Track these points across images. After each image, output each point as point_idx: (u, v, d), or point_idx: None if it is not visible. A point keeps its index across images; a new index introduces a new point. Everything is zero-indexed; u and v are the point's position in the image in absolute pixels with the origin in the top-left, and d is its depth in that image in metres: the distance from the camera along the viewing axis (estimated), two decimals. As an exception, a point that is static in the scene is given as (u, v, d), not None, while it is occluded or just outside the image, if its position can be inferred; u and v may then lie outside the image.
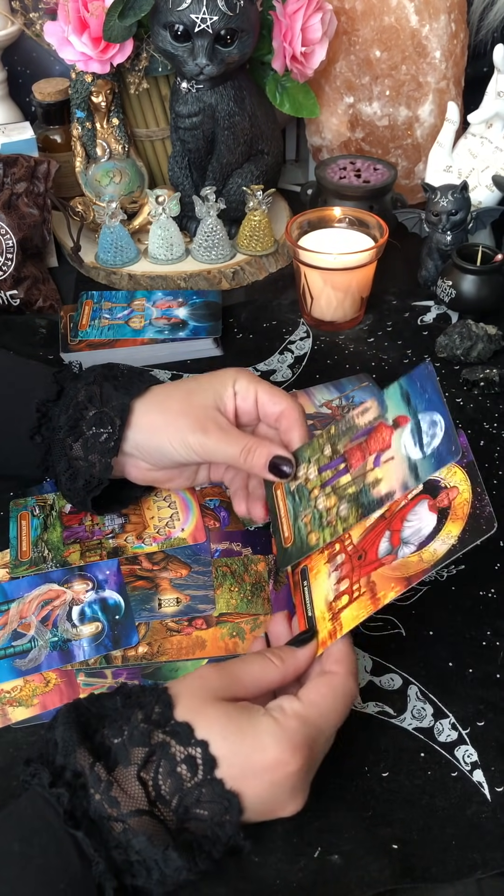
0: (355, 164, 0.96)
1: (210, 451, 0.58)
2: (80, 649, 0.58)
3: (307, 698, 0.47)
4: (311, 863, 0.48)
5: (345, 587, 0.52)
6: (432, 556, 0.50)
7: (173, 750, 0.43)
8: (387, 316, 0.88)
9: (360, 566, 0.52)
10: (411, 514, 0.52)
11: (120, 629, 0.59)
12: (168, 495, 0.68)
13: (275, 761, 0.44)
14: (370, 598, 0.50)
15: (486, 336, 0.80)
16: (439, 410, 0.52)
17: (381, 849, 0.48)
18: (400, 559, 0.51)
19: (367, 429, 0.56)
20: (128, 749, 0.43)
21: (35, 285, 0.89)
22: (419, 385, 0.55)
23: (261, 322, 0.88)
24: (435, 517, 0.51)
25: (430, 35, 0.95)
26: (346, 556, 0.53)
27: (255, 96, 0.91)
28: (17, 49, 1.07)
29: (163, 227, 0.91)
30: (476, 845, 0.48)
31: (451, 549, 0.50)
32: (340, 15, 0.94)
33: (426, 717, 0.54)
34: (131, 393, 0.61)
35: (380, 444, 0.55)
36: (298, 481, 0.58)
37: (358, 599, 0.51)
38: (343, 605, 0.51)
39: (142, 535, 0.65)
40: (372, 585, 0.51)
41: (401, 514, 0.53)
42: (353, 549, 0.53)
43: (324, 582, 0.53)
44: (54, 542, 0.65)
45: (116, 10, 0.84)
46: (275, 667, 0.49)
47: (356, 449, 0.56)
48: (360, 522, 0.53)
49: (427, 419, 0.53)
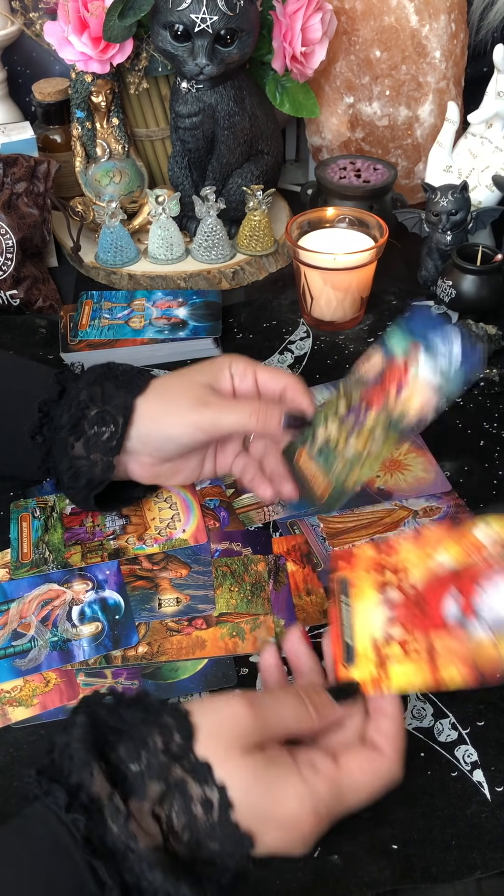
0: (355, 164, 0.96)
1: (216, 423, 0.57)
2: (80, 649, 0.58)
3: (346, 766, 0.44)
4: (310, 863, 0.48)
5: (398, 634, 0.45)
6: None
7: (191, 790, 0.41)
8: (387, 316, 0.88)
9: (420, 618, 0.45)
10: (490, 584, 0.45)
11: (120, 629, 0.59)
12: (169, 496, 0.68)
13: (294, 819, 0.42)
14: (429, 667, 0.44)
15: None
16: (447, 329, 0.50)
17: (381, 849, 0.48)
18: (472, 636, 0.44)
19: (380, 371, 0.54)
20: (145, 781, 0.41)
21: (35, 285, 0.89)
22: (420, 317, 0.53)
23: (261, 322, 0.88)
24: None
25: (430, 35, 0.95)
26: (402, 597, 0.46)
27: (255, 96, 0.91)
28: (17, 49, 1.07)
29: (163, 227, 0.91)
30: (476, 845, 0.48)
31: None
32: (340, 15, 0.94)
33: (426, 716, 0.54)
34: (133, 391, 0.61)
35: (397, 377, 0.52)
36: (320, 442, 0.56)
37: (414, 659, 0.44)
38: (394, 655, 0.45)
39: (143, 537, 0.65)
40: (433, 652, 0.44)
41: (475, 573, 0.45)
42: (412, 591, 0.46)
43: (370, 611, 0.47)
44: (55, 544, 0.65)
45: (116, 10, 0.84)
46: (310, 718, 0.45)
47: (374, 391, 0.54)
48: (422, 560, 0.47)
49: (439, 336, 0.50)
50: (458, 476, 0.69)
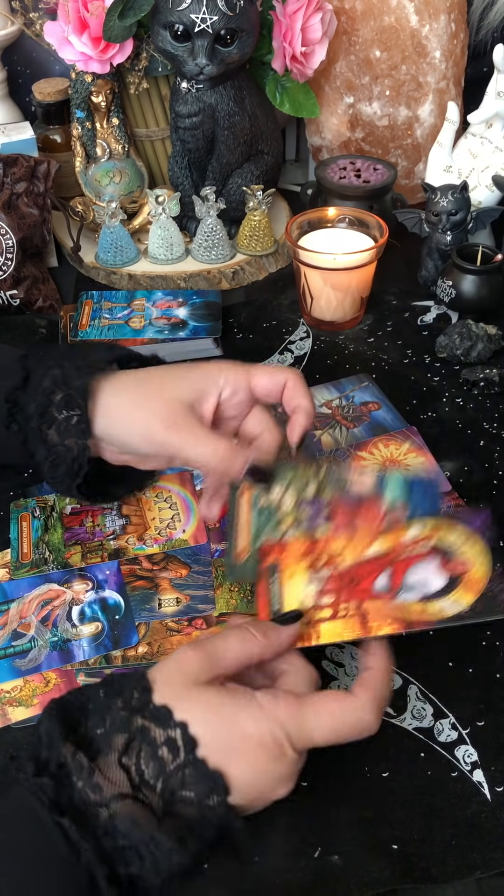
0: (355, 164, 0.96)
1: (178, 451, 0.55)
2: (80, 649, 0.58)
3: (310, 700, 0.45)
4: (310, 863, 0.48)
5: (329, 601, 0.51)
6: (438, 612, 0.49)
7: (153, 734, 0.42)
8: (387, 316, 0.88)
9: (350, 589, 0.51)
10: (419, 565, 0.52)
11: (120, 629, 0.59)
12: (169, 496, 0.68)
13: (254, 743, 0.43)
14: (360, 624, 0.50)
15: (486, 336, 0.80)
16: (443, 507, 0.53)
17: (381, 849, 0.48)
18: (399, 601, 0.50)
19: (359, 496, 0.55)
20: (109, 737, 0.42)
21: (35, 285, 0.89)
22: (424, 489, 0.56)
23: (261, 322, 0.88)
24: (445, 579, 0.51)
25: (430, 35, 0.95)
26: (332, 574, 0.52)
27: (255, 96, 0.91)
28: (17, 49, 1.07)
29: (163, 227, 0.91)
30: (476, 845, 0.48)
31: (458, 614, 0.49)
32: (340, 15, 0.94)
33: (426, 716, 0.54)
34: (94, 373, 0.58)
35: (372, 520, 0.54)
36: (271, 498, 0.56)
37: (344, 619, 0.50)
38: (324, 617, 0.50)
39: (143, 537, 0.65)
40: (364, 613, 0.50)
41: (406, 560, 0.52)
42: (345, 570, 0.52)
43: (300, 586, 0.52)
44: (55, 544, 0.65)
45: (116, 10, 0.84)
46: (256, 641, 0.47)
47: (343, 509, 0.54)
48: (357, 551, 0.53)
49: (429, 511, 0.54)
50: (458, 476, 0.69)
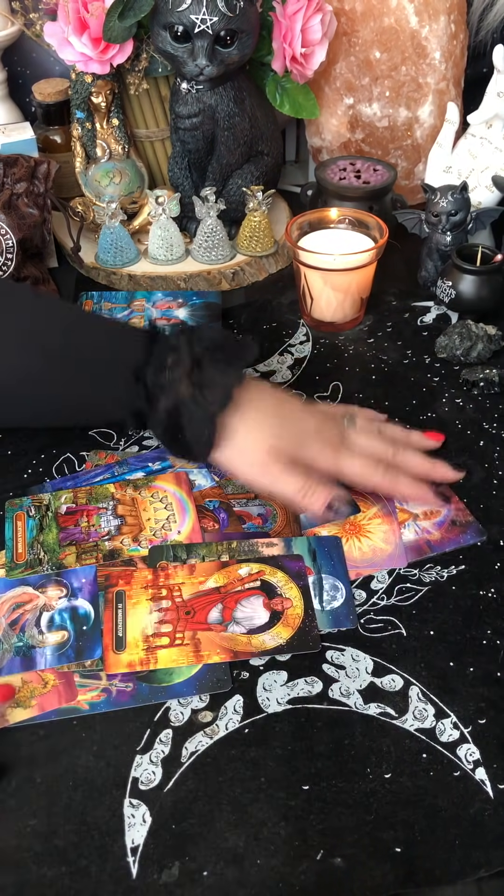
0: (355, 165, 0.96)
1: (266, 488, 0.64)
2: (43, 657, 0.57)
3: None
4: (313, 866, 0.47)
5: (167, 630, 0.57)
6: (260, 644, 0.57)
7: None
8: (387, 316, 0.88)
9: (187, 620, 0.58)
10: (246, 602, 0.59)
11: (85, 640, 0.58)
12: (165, 496, 0.68)
13: None
14: (193, 652, 0.56)
15: (486, 336, 0.80)
16: (342, 580, 0.60)
17: (383, 852, 0.48)
18: (229, 633, 0.57)
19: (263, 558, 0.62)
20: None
21: (35, 285, 0.89)
22: (327, 550, 0.62)
23: (261, 323, 0.88)
24: (268, 615, 0.58)
25: (430, 36, 0.95)
26: (172, 605, 0.59)
27: (255, 97, 0.91)
28: (17, 49, 1.07)
29: (163, 228, 0.91)
30: (479, 844, 0.48)
31: (277, 647, 0.57)
32: (340, 16, 0.94)
33: (428, 717, 0.54)
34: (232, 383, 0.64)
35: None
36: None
37: (180, 647, 0.56)
38: (162, 644, 0.56)
39: (138, 538, 0.65)
40: (197, 642, 0.57)
41: (236, 596, 0.59)
42: (181, 602, 0.59)
43: (143, 614, 0.58)
44: (50, 544, 0.64)
45: (116, 10, 0.84)
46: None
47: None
48: (194, 584, 0.60)
49: (330, 582, 0.60)
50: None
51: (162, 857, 0.48)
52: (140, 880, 0.47)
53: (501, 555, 0.63)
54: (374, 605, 0.60)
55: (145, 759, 0.52)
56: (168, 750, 0.52)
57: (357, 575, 0.61)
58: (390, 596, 0.61)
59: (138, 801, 0.50)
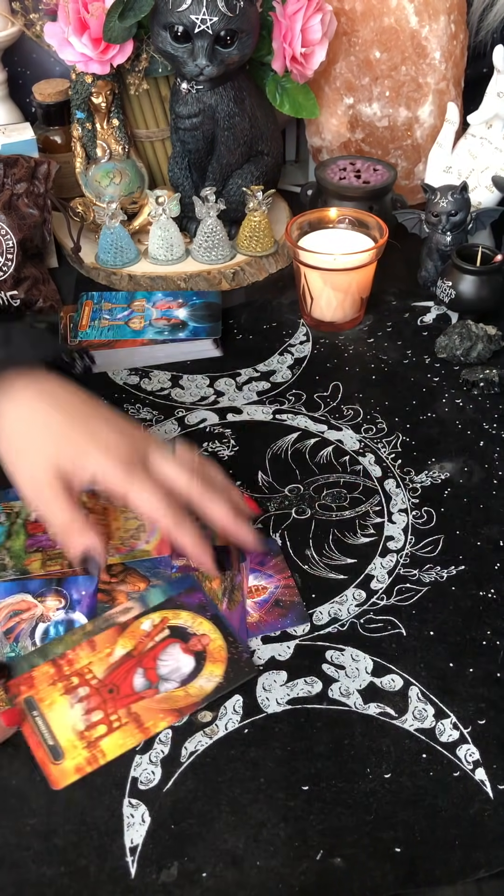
0: (355, 165, 0.96)
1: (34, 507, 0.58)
2: None
3: None
4: (313, 866, 0.47)
5: (99, 718, 0.53)
6: (199, 691, 0.54)
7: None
8: (387, 316, 0.88)
9: (114, 699, 0.54)
10: (164, 655, 0.56)
11: None
12: None
13: None
14: (137, 728, 0.53)
15: (486, 336, 0.80)
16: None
17: (383, 852, 0.48)
18: (163, 693, 0.54)
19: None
20: None
21: (35, 286, 0.89)
22: (183, 593, 0.60)
23: (261, 323, 0.88)
24: (192, 659, 0.56)
25: (430, 36, 0.95)
26: (90, 689, 0.55)
27: (255, 97, 0.91)
28: (17, 50, 1.07)
29: (163, 228, 0.91)
30: (479, 844, 0.48)
31: (218, 686, 0.55)
32: (340, 16, 0.94)
33: (427, 717, 0.54)
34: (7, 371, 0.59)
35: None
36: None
37: (121, 728, 0.53)
38: (101, 734, 0.52)
39: (106, 547, 0.63)
40: (136, 716, 0.53)
41: (152, 653, 0.57)
42: (98, 682, 0.55)
43: (64, 711, 0.54)
44: (16, 551, 0.63)
45: (116, 11, 0.84)
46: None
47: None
48: (102, 658, 0.56)
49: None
50: (458, 476, 0.69)
51: (161, 857, 0.48)
52: (139, 880, 0.47)
53: (501, 555, 0.63)
54: (373, 605, 0.60)
55: (145, 759, 0.52)
56: (167, 750, 0.52)
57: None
58: (390, 596, 0.61)
59: (137, 801, 0.50)
